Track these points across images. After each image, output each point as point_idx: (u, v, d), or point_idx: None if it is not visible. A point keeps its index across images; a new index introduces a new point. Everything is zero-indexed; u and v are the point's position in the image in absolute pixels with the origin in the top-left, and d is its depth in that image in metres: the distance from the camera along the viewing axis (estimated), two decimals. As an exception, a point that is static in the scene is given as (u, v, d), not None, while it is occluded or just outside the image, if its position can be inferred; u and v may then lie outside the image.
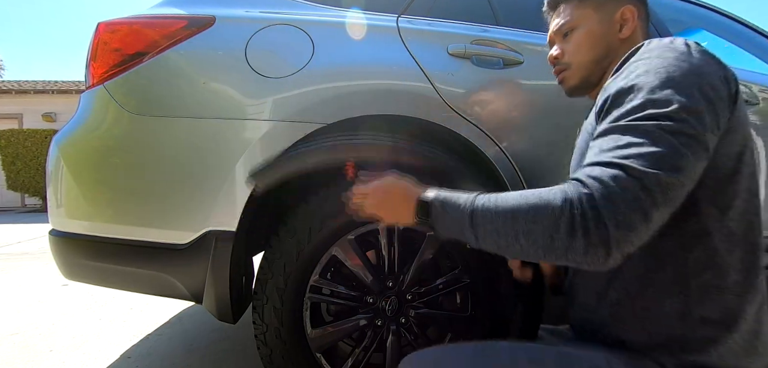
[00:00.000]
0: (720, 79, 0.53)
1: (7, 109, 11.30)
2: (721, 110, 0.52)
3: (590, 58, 0.75)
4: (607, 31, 0.74)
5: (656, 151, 0.47)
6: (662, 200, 0.46)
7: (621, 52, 0.70)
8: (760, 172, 1.40)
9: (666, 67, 0.53)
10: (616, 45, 0.73)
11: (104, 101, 0.98)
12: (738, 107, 0.54)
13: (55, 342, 1.73)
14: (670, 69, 0.53)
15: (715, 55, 0.56)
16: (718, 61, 0.55)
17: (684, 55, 0.54)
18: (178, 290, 1.01)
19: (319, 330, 1.03)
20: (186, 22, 0.99)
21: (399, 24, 1.10)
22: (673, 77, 0.52)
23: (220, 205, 0.94)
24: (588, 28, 0.75)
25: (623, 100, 0.53)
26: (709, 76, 0.53)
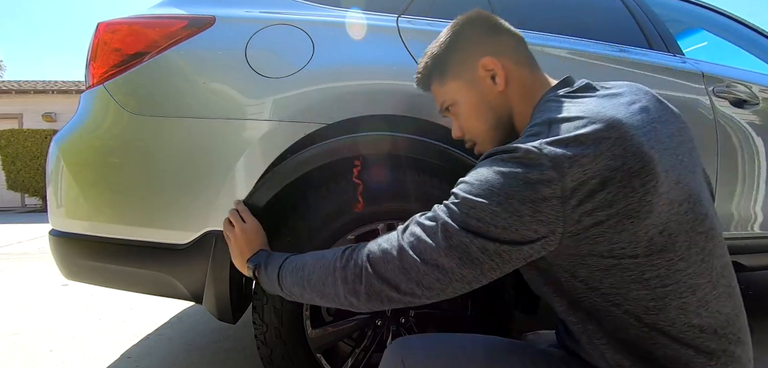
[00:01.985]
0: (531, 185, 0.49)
1: (7, 109, 11.30)
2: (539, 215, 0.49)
3: (485, 126, 0.72)
4: (481, 93, 0.70)
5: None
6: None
7: (515, 100, 0.69)
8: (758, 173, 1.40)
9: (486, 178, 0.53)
10: (500, 100, 0.69)
11: (104, 101, 0.98)
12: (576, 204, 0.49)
13: (55, 342, 1.73)
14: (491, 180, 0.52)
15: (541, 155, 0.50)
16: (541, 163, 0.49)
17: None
18: (178, 290, 1.01)
19: (319, 331, 1.03)
20: (186, 22, 0.99)
21: (399, 24, 1.10)
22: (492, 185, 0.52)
23: (220, 205, 0.93)
24: (463, 101, 0.73)
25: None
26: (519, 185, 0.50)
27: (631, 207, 0.48)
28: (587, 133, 0.49)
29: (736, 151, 1.37)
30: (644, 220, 0.49)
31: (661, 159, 0.51)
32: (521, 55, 0.70)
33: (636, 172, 0.48)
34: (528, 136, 0.54)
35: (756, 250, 1.47)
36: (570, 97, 0.60)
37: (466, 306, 1.07)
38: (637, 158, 0.49)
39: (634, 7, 1.51)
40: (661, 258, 0.51)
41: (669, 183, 0.51)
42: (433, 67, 0.75)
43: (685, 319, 0.52)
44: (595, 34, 1.34)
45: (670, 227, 0.51)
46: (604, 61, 1.25)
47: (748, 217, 1.41)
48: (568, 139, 0.49)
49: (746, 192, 1.40)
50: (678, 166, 0.54)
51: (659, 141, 0.53)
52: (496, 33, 0.71)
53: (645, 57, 1.34)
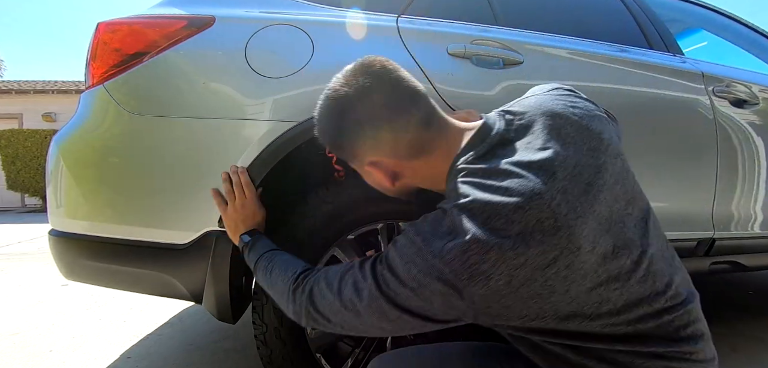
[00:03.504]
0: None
1: (7, 109, 11.30)
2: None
3: (395, 196, 0.71)
4: (378, 183, 0.68)
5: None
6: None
7: (415, 181, 0.66)
8: (758, 172, 1.40)
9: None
10: (398, 189, 0.67)
11: (104, 101, 0.98)
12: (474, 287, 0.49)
13: (55, 342, 1.73)
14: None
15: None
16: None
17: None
18: (178, 290, 1.01)
19: (318, 331, 1.03)
20: (186, 22, 0.99)
21: (399, 24, 1.10)
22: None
23: (219, 205, 0.93)
24: (366, 177, 0.69)
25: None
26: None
27: (536, 292, 0.49)
28: (486, 238, 0.47)
29: (736, 151, 1.37)
30: (549, 298, 0.49)
31: (571, 237, 0.48)
32: (405, 146, 0.61)
33: (540, 265, 0.47)
34: (438, 219, 0.53)
35: (756, 250, 1.47)
36: (474, 173, 0.54)
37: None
38: (542, 253, 0.47)
39: (634, 7, 1.51)
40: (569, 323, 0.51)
41: (581, 258, 0.48)
42: (326, 143, 0.68)
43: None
44: (595, 34, 1.34)
45: (580, 297, 0.50)
46: (604, 61, 1.25)
47: (748, 217, 1.41)
48: (469, 250, 0.48)
49: (746, 192, 1.40)
50: (590, 226, 0.50)
51: (571, 209, 0.49)
52: (376, 127, 0.61)
53: (645, 57, 1.34)
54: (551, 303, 0.49)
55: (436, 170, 0.62)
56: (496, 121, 0.60)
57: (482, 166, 0.54)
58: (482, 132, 0.59)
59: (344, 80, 0.64)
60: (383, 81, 0.61)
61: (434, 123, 0.62)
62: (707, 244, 1.36)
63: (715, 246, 1.37)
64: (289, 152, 0.94)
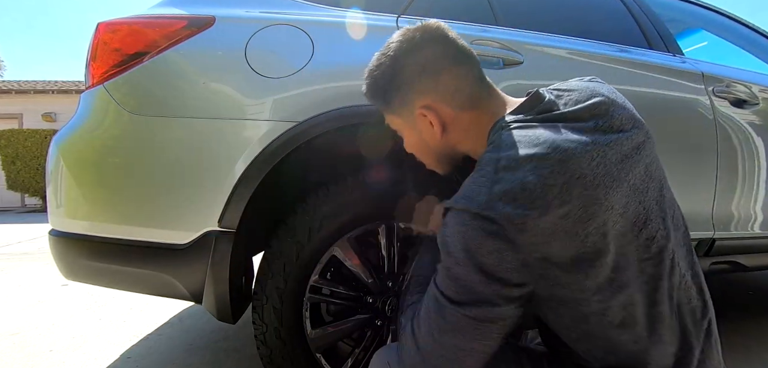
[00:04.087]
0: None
1: (7, 109, 11.30)
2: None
3: (428, 160, 0.73)
4: (421, 135, 0.69)
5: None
6: None
7: (457, 141, 0.67)
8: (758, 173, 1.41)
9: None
10: (441, 143, 0.67)
11: (104, 101, 0.98)
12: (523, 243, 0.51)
13: (55, 342, 1.73)
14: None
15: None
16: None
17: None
18: (178, 290, 1.01)
19: (318, 331, 1.03)
20: (186, 22, 0.99)
21: (399, 24, 1.10)
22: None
23: (219, 205, 0.93)
24: (405, 136, 0.72)
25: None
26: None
27: (576, 243, 0.51)
28: (532, 183, 0.50)
29: (736, 151, 1.37)
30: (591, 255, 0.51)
31: (606, 196, 0.51)
32: (463, 95, 0.64)
33: (581, 218, 0.50)
34: (478, 176, 0.55)
35: (756, 250, 1.47)
36: (521, 127, 0.57)
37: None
38: (583, 204, 0.50)
39: (634, 7, 1.51)
40: (604, 293, 0.53)
41: (613, 219, 0.52)
42: (374, 94, 0.70)
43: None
44: (595, 34, 1.34)
45: (618, 262, 0.52)
46: (604, 61, 1.25)
47: (748, 217, 1.41)
48: (515, 191, 0.50)
49: (746, 192, 1.40)
50: (624, 195, 0.53)
51: (608, 173, 0.52)
52: (437, 70, 0.64)
53: (645, 57, 1.34)
54: (591, 254, 0.51)
55: (482, 129, 0.64)
56: (545, 94, 0.62)
57: (529, 124, 0.57)
58: (533, 99, 0.61)
59: (406, 33, 0.66)
60: (444, 35, 0.65)
61: (486, 82, 0.67)
62: (707, 244, 1.36)
63: (715, 247, 1.37)
64: (289, 152, 0.94)
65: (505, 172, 0.52)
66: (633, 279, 0.53)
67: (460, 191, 0.56)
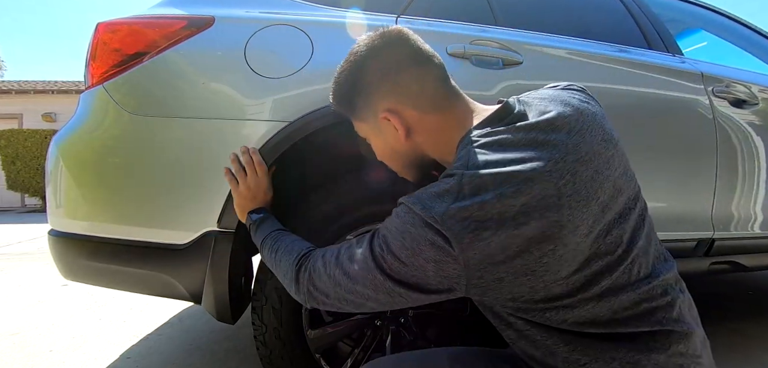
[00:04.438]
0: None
1: (7, 109, 11.31)
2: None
3: (396, 166, 0.72)
4: (387, 140, 0.68)
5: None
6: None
7: (425, 146, 0.66)
8: (757, 173, 1.41)
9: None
10: (407, 148, 0.66)
11: (104, 101, 0.98)
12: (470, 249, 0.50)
13: (55, 342, 1.73)
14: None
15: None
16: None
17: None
18: (178, 290, 1.01)
19: (318, 331, 1.03)
20: (185, 22, 0.99)
21: (398, 24, 1.10)
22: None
23: (219, 205, 0.93)
24: (373, 142, 0.71)
25: None
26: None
27: (529, 267, 0.50)
28: (492, 204, 0.49)
29: (736, 151, 1.37)
30: (542, 277, 0.51)
31: (571, 217, 0.50)
32: (426, 97, 0.63)
33: (537, 240, 0.49)
34: (444, 183, 0.54)
35: (756, 250, 1.47)
36: (490, 143, 0.55)
37: (465, 307, 1.07)
38: (541, 228, 0.49)
39: (633, 7, 1.51)
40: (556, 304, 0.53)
41: (576, 239, 0.50)
42: (340, 100, 0.70)
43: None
44: (594, 34, 1.34)
45: (570, 279, 0.52)
46: (603, 61, 1.25)
47: (748, 217, 1.41)
48: (472, 210, 0.49)
49: (746, 192, 1.40)
50: (591, 211, 0.52)
51: (576, 191, 0.51)
52: (398, 71, 0.64)
53: (644, 57, 1.34)
54: (543, 281, 0.51)
55: (448, 134, 0.63)
56: (515, 104, 0.61)
57: (498, 138, 0.56)
58: (502, 111, 0.60)
59: (367, 39, 0.67)
60: (404, 38, 0.65)
61: (450, 85, 0.66)
62: (707, 244, 1.36)
63: (714, 247, 1.37)
64: (286, 152, 0.94)
65: (468, 189, 0.51)
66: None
67: (419, 192, 0.56)
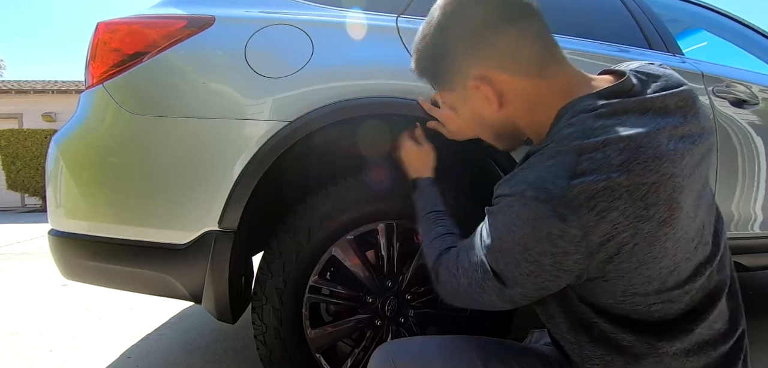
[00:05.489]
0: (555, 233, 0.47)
1: (7, 109, 11.31)
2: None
3: (485, 136, 0.68)
4: (476, 109, 0.61)
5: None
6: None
7: (518, 115, 0.59)
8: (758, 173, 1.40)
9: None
10: (499, 118, 0.60)
11: (103, 101, 0.98)
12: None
13: (55, 342, 1.73)
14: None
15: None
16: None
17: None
18: (178, 290, 1.01)
19: (318, 331, 1.03)
20: (185, 22, 0.99)
21: (398, 24, 1.10)
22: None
23: (219, 205, 0.93)
24: (459, 111, 0.65)
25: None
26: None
27: (650, 254, 0.47)
28: (618, 184, 0.44)
29: (736, 151, 1.37)
30: (659, 263, 0.48)
31: (684, 202, 0.48)
32: (524, 59, 0.55)
33: (663, 222, 0.46)
34: (553, 158, 0.48)
35: (756, 250, 1.47)
36: (606, 115, 0.49)
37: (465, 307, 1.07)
38: (667, 207, 0.46)
39: (633, 8, 1.51)
40: (663, 295, 0.51)
41: (684, 225, 0.49)
42: (422, 70, 0.64)
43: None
44: (595, 34, 1.34)
45: (680, 266, 0.50)
46: (604, 61, 1.25)
47: (748, 217, 1.41)
48: (596, 190, 0.44)
49: (746, 192, 1.40)
50: (694, 201, 0.51)
51: (690, 173, 0.49)
52: (491, 32, 0.56)
53: (645, 57, 1.34)
54: (659, 268, 0.48)
55: (547, 102, 0.55)
56: (631, 76, 0.55)
57: (616, 108, 0.50)
58: (623, 86, 0.53)
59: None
60: None
61: (551, 43, 0.57)
62: (707, 244, 1.36)
63: (714, 247, 1.37)
64: (286, 151, 0.94)
65: (589, 162, 0.45)
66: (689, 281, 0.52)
67: (522, 175, 0.50)
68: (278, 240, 0.99)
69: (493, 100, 0.58)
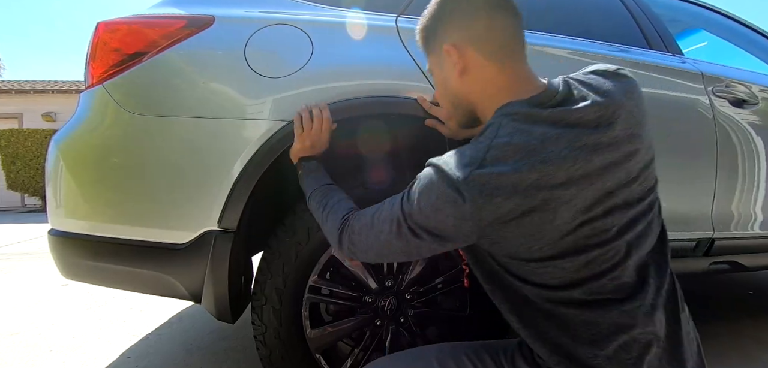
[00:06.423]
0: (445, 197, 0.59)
1: (7, 108, 11.31)
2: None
3: (447, 104, 0.76)
4: (444, 75, 0.71)
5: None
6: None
7: (474, 94, 0.68)
8: (757, 173, 1.41)
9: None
10: (458, 87, 0.70)
11: (103, 101, 0.98)
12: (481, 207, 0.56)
13: (55, 342, 1.73)
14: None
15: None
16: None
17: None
18: (177, 290, 1.01)
19: (318, 331, 1.03)
20: (185, 21, 0.99)
21: (398, 24, 1.10)
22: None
23: (219, 205, 0.93)
24: (435, 76, 0.75)
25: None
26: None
27: (528, 230, 0.57)
28: (508, 175, 0.55)
29: (736, 151, 1.37)
30: (539, 240, 0.57)
31: (573, 195, 0.56)
32: (492, 44, 0.66)
33: (540, 209, 0.56)
34: (472, 149, 0.60)
35: (756, 250, 1.47)
36: (523, 120, 0.60)
37: (464, 306, 1.07)
38: (546, 201, 0.55)
39: (633, 8, 1.51)
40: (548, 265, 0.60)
41: (571, 214, 0.56)
42: (420, 31, 0.75)
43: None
44: (594, 34, 1.34)
45: (564, 243, 0.58)
46: (603, 61, 1.25)
47: (748, 217, 1.41)
48: (490, 178, 0.55)
49: (746, 192, 1.40)
50: (593, 192, 0.57)
51: (587, 175, 0.56)
52: (472, 11, 0.66)
53: (644, 57, 1.34)
54: (538, 244, 0.58)
55: (497, 90, 0.66)
56: (559, 86, 0.64)
57: (530, 114, 0.60)
58: (544, 95, 0.63)
59: None
60: None
61: (520, 43, 0.67)
62: (707, 244, 1.36)
63: (714, 246, 1.37)
64: (286, 151, 0.94)
65: (490, 158, 0.57)
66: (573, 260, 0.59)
67: (449, 154, 0.61)
68: (278, 240, 0.99)
69: (458, 65, 0.67)
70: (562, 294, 0.61)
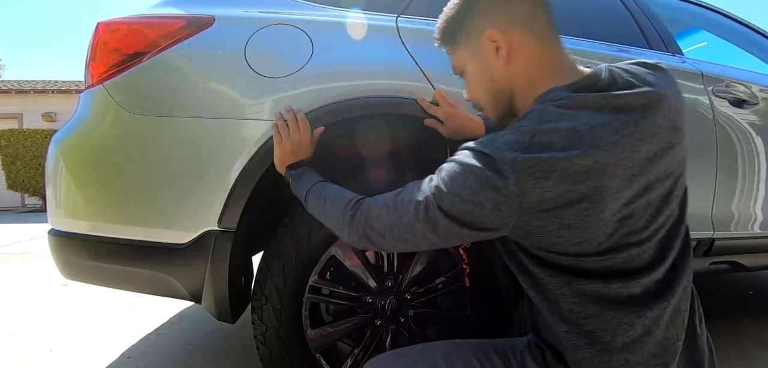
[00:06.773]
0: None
1: (7, 108, 11.31)
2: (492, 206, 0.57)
3: (487, 96, 0.73)
4: (485, 63, 0.69)
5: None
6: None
7: (517, 79, 0.66)
8: (757, 173, 1.41)
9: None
10: (502, 74, 0.67)
11: (103, 101, 0.98)
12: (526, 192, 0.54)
13: (55, 342, 1.73)
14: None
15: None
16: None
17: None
18: (177, 290, 1.01)
19: (318, 331, 1.03)
20: (185, 22, 0.99)
21: (398, 24, 1.10)
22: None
23: (219, 205, 0.93)
24: (470, 69, 0.73)
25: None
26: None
27: (572, 222, 0.55)
28: (557, 162, 0.53)
29: (736, 151, 1.37)
30: (581, 233, 0.55)
31: (619, 186, 0.54)
32: (535, 28, 0.65)
33: (586, 197, 0.54)
34: (515, 134, 0.57)
35: (756, 250, 1.47)
36: (567, 105, 0.58)
37: (465, 306, 1.07)
38: (594, 188, 0.53)
39: (633, 7, 1.51)
40: (587, 260, 0.58)
41: (616, 206, 0.55)
42: (445, 29, 0.73)
43: None
44: (594, 34, 1.34)
45: (608, 242, 0.56)
46: (603, 61, 1.25)
47: (748, 217, 1.41)
48: (538, 163, 0.53)
49: (746, 192, 1.40)
50: (637, 185, 0.56)
51: (633, 165, 0.55)
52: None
53: (644, 57, 1.34)
54: (580, 237, 0.56)
55: (542, 74, 0.64)
56: (603, 72, 0.62)
57: (577, 100, 0.58)
58: (589, 79, 0.62)
59: None
60: None
61: (556, 28, 0.67)
62: (707, 244, 1.36)
63: (714, 246, 1.37)
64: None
65: (539, 143, 0.54)
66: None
67: (491, 136, 0.59)
68: (278, 240, 0.99)
69: (503, 51, 0.65)
70: (591, 287, 0.59)
